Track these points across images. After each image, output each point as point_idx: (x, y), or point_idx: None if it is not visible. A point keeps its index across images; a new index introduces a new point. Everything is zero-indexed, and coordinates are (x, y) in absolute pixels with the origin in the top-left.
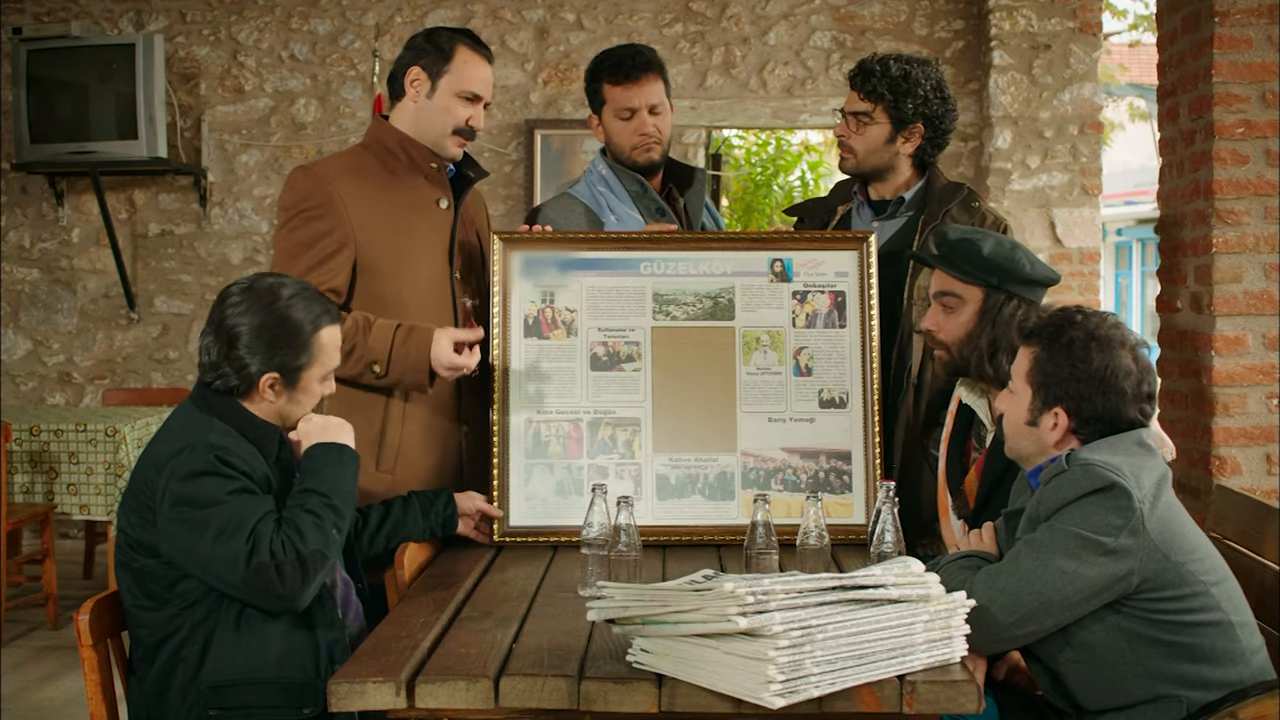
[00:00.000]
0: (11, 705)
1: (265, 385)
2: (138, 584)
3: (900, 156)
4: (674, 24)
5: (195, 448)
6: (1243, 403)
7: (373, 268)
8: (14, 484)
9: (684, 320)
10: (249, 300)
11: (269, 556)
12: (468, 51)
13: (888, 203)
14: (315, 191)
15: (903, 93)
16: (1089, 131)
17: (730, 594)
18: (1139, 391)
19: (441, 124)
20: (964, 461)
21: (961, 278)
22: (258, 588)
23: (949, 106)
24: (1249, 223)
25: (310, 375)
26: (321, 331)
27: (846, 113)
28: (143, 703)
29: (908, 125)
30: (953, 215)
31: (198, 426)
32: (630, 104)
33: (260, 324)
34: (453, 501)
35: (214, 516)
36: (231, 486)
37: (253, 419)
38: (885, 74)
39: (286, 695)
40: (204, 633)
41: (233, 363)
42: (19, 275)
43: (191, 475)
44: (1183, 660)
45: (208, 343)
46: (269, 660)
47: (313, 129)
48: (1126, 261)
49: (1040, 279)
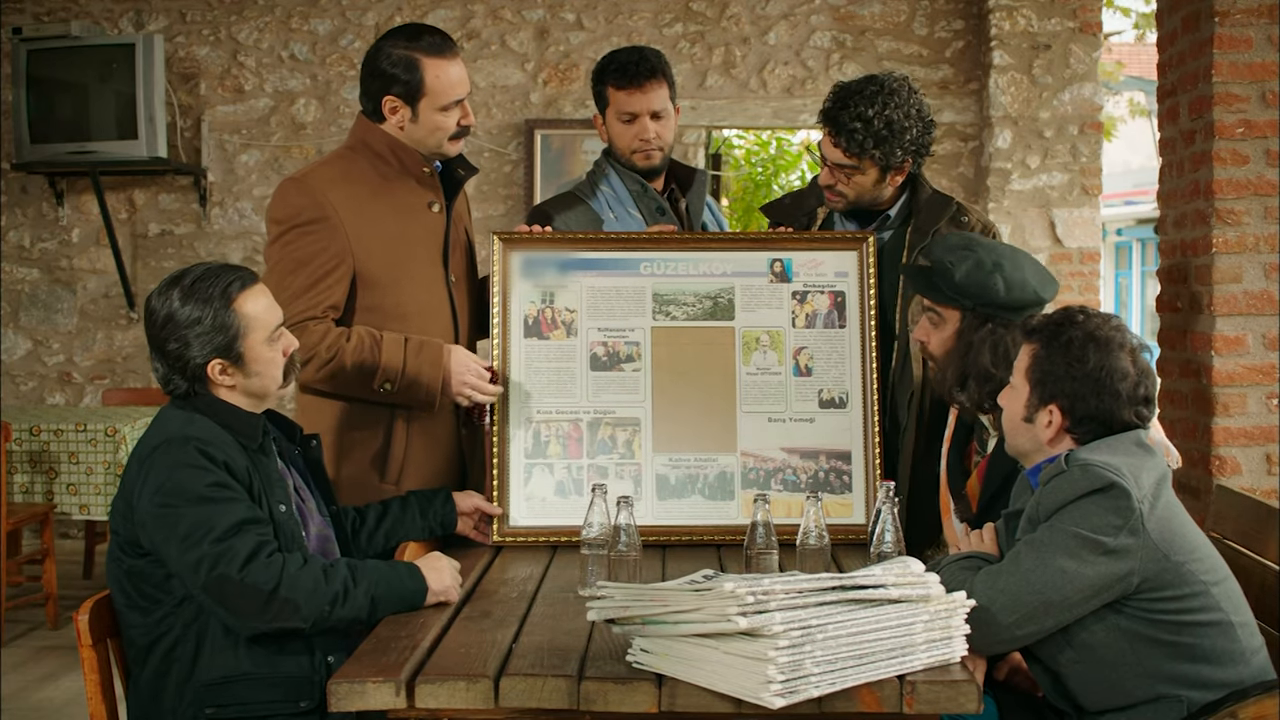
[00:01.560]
0: (11, 705)
1: (215, 372)
2: (130, 584)
3: (889, 188)
4: (674, 24)
5: (174, 440)
6: (1243, 403)
7: (370, 279)
8: (14, 484)
9: (684, 320)
10: (159, 305)
11: (236, 571)
12: (435, 62)
13: (872, 215)
14: (309, 206)
15: (891, 142)
16: (1089, 131)
17: (730, 594)
18: (1135, 394)
19: (436, 139)
20: (965, 465)
21: (937, 300)
22: (213, 596)
23: (930, 124)
24: (1249, 223)
25: (252, 344)
26: (235, 300)
27: (830, 163)
28: (139, 705)
29: (898, 165)
30: (941, 233)
31: (178, 420)
32: (632, 109)
33: (175, 321)
34: (451, 500)
35: (186, 515)
36: (209, 479)
37: (234, 410)
38: (869, 129)
39: (282, 690)
40: (196, 632)
41: (174, 367)
42: (19, 275)
43: (169, 467)
44: (1183, 660)
45: (153, 360)
46: (264, 656)
47: (313, 129)
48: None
49: (1016, 304)
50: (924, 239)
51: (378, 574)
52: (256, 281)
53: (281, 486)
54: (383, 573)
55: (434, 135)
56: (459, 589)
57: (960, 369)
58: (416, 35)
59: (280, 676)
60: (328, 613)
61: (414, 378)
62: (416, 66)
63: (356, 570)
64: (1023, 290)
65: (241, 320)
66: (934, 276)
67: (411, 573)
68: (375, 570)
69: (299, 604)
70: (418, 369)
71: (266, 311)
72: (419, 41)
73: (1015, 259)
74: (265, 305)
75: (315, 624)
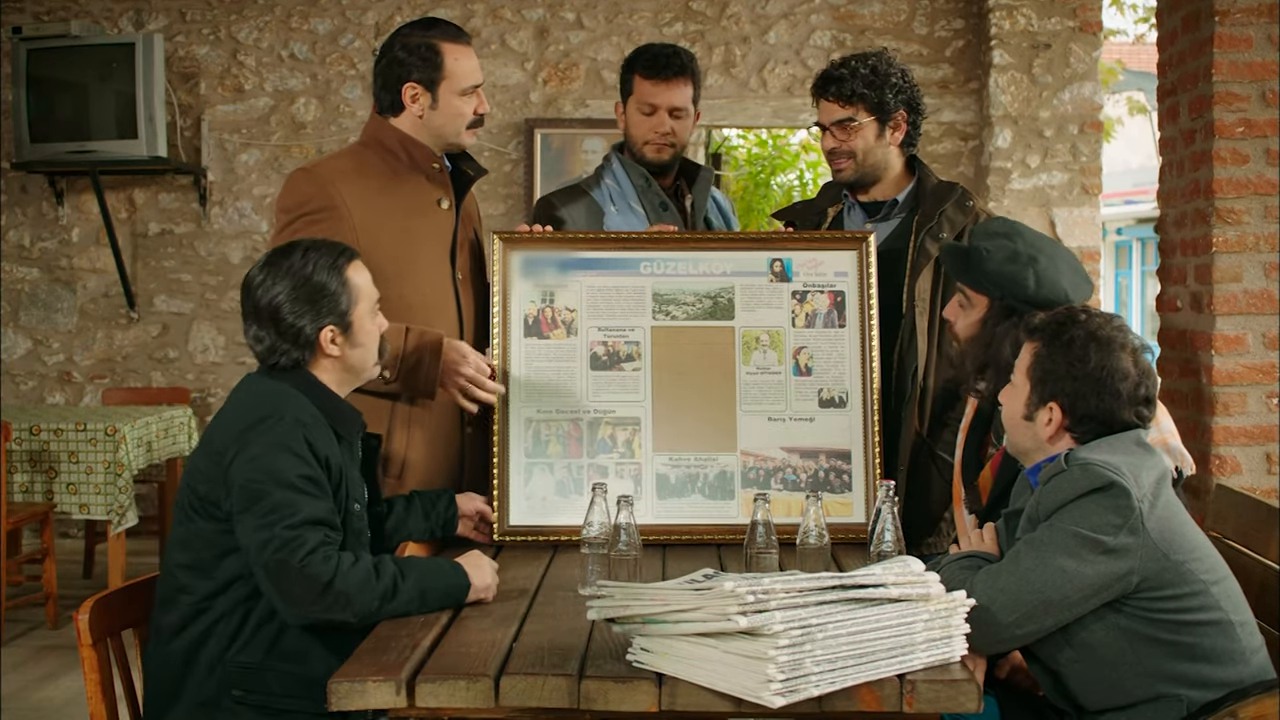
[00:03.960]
0: (11, 705)
1: (326, 341)
2: (189, 546)
3: (891, 150)
4: (674, 23)
5: (283, 418)
6: (1243, 402)
7: (376, 271)
8: (14, 483)
9: (684, 320)
10: (271, 274)
11: (298, 560)
12: (453, 48)
13: (880, 204)
14: (317, 194)
15: (879, 86)
16: (1089, 131)
17: (730, 593)
18: (1135, 394)
19: (454, 127)
20: (980, 455)
21: (967, 283)
22: (271, 577)
23: (916, 88)
24: (1249, 222)
25: (359, 313)
26: (348, 270)
27: (828, 125)
28: (166, 668)
29: (892, 115)
30: (948, 216)
31: (279, 395)
32: (654, 100)
33: (293, 287)
34: (454, 504)
35: (271, 495)
36: (303, 471)
37: (337, 400)
38: (856, 74)
39: (308, 688)
40: (243, 611)
41: (286, 335)
42: (19, 275)
43: (273, 445)
44: (1183, 660)
45: (254, 331)
46: (296, 650)
47: (313, 128)
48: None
49: (1044, 301)
50: (930, 221)
51: (424, 569)
52: (358, 255)
53: (359, 486)
54: (428, 568)
55: (453, 122)
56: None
57: (980, 358)
58: (432, 24)
59: (309, 675)
60: (377, 608)
61: (413, 366)
62: (436, 51)
63: (404, 567)
64: (1053, 289)
65: (351, 289)
66: (969, 259)
67: (455, 569)
68: (422, 566)
69: (350, 598)
70: (417, 357)
71: (369, 284)
72: (436, 29)
73: (1054, 256)
74: (368, 278)
75: (364, 619)
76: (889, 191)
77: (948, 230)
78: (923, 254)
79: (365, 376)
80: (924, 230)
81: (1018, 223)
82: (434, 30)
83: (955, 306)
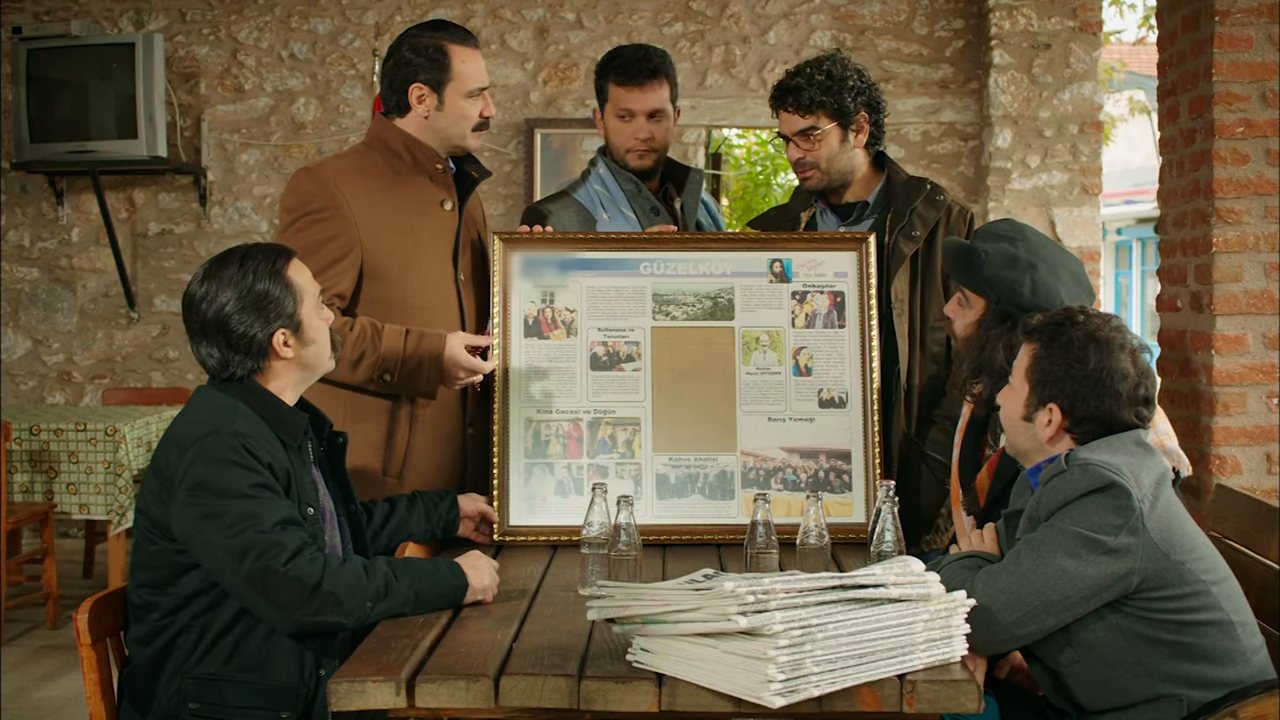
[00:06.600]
0: (11, 705)
1: (279, 344)
2: (148, 567)
3: (857, 153)
4: (674, 23)
5: (220, 433)
6: (1243, 402)
7: (378, 271)
8: (14, 483)
9: (684, 320)
10: (213, 287)
11: (281, 564)
12: (460, 49)
13: (852, 207)
14: (320, 193)
15: (836, 91)
16: (1089, 131)
17: (730, 593)
18: (1135, 395)
19: (460, 129)
20: (977, 456)
21: (965, 284)
22: (255, 587)
23: (874, 85)
24: (1249, 222)
25: (306, 311)
26: (287, 271)
27: (790, 136)
28: (134, 688)
29: (853, 118)
30: (919, 213)
31: (223, 410)
32: (630, 106)
33: (238, 297)
34: (456, 505)
35: (230, 508)
36: (253, 480)
37: (280, 407)
38: (812, 81)
39: (265, 697)
40: (201, 625)
41: (238, 346)
42: (19, 275)
43: (214, 462)
44: (1183, 660)
45: (204, 348)
46: (254, 660)
47: (312, 128)
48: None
49: (1039, 309)
50: (902, 220)
51: (419, 570)
52: (295, 253)
53: (312, 490)
54: (424, 569)
55: (459, 124)
56: (496, 588)
57: (975, 361)
58: (440, 26)
59: (267, 684)
60: (369, 609)
61: (413, 368)
62: (444, 52)
63: (397, 567)
64: (1049, 298)
65: (294, 289)
66: (969, 260)
67: (453, 570)
68: (416, 567)
69: (340, 599)
70: (417, 359)
71: (310, 280)
72: (444, 31)
73: (1056, 265)
74: (308, 274)
75: (357, 620)
76: (859, 193)
77: (920, 228)
78: (896, 255)
79: (321, 370)
80: (896, 230)
81: (1026, 226)
82: (442, 32)
83: (955, 305)
